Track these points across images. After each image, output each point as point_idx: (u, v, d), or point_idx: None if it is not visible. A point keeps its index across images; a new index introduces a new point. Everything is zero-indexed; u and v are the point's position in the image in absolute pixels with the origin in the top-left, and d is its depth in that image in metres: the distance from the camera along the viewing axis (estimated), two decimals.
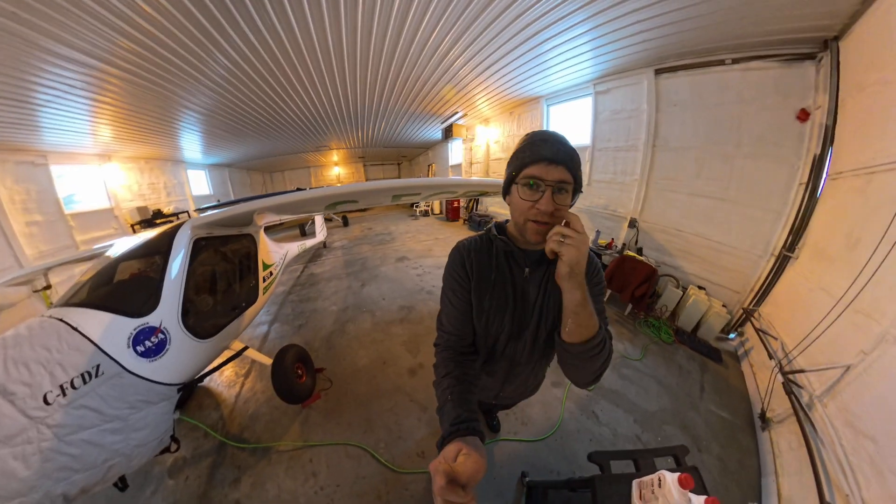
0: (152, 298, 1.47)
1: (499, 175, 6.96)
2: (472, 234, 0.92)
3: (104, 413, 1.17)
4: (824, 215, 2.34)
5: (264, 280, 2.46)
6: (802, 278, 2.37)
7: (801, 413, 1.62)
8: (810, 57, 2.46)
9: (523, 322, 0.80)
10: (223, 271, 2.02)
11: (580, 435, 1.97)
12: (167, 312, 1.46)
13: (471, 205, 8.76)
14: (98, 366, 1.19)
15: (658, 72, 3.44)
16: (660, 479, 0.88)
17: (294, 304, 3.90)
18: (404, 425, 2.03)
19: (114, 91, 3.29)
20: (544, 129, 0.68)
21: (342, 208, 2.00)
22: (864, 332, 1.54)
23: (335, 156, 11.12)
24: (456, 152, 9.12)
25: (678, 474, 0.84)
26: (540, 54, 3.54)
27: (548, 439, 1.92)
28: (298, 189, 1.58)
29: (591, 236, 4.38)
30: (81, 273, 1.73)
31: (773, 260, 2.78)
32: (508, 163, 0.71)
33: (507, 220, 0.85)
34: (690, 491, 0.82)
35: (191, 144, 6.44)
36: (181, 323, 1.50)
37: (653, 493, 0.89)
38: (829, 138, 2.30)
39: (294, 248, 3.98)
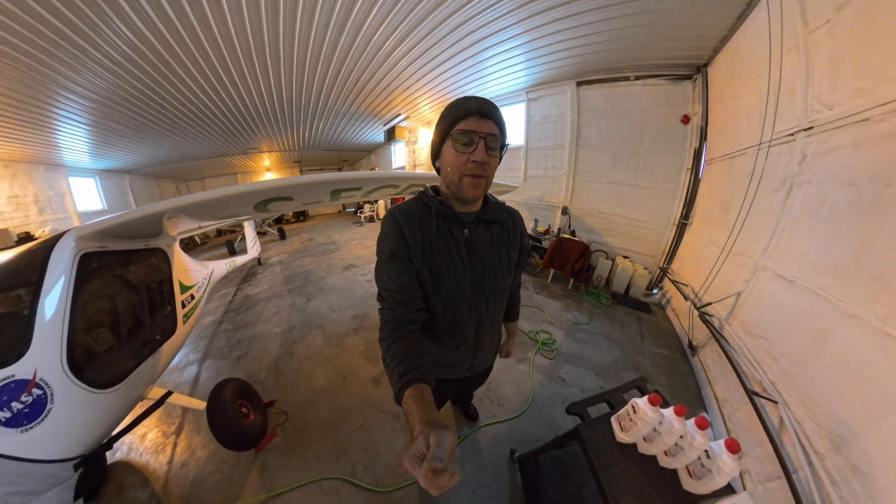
0: (19, 341, 1.03)
1: None
2: None
3: None
4: (705, 190, 3.07)
5: (184, 305, 1.97)
6: (697, 238, 3.07)
7: (716, 334, 2.08)
8: (689, 77, 3.22)
9: (482, 279, 0.79)
10: (127, 296, 1.55)
11: (553, 400, 2.07)
12: (44, 357, 1.04)
13: None
14: None
15: (579, 84, 4.00)
16: (633, 407, 0.97)
17: (228, 333, 3.27)
18: (379, 440, 1.84)
19: None
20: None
21: (275, 208, 1.65)
22: (743, 267, 2.08)
23: (267, 160, 9.69)
24: (399, 155, 8.95)
25: (647, 396, 0.94)
26: (480, 62, 3.74)
27: (525, 413, 1.96)
28: None
29: (531, 225, 4.84)
30: None
31: (674, 228, 3.51)
32: (437, 126, 0.70)
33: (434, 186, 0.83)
34: (660, 407, 0.93)
35: (74, 142, 4.80)
36: (68, 369, 1.08)
37: (630, 420, 0.98)
38: (703, 135, 3.05)
39: (221, 266, 3.35)
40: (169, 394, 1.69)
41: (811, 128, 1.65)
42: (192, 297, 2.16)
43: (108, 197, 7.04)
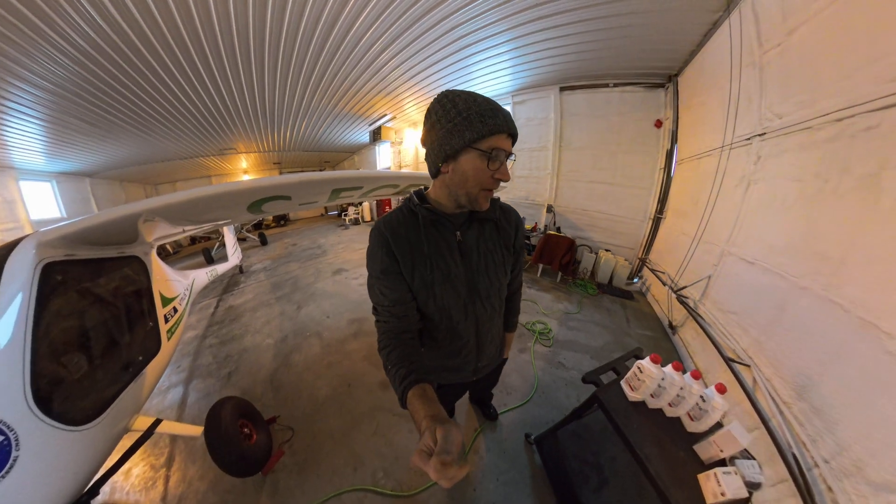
0: None
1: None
2: None
3: None
4: (677, 187, 3.42)
5: (167, 319, 1.76)
6: (671, 230, 3.41)
7: (692, 314, 2.36)
8: (661, 85, 3.56)
9: (475, 281, 0.78)
10: (102, 312, 1.34)
11: (556, 384, 2.20)
12: (3, 393, 0.87)
13: None
14: None
15: (562, 89, 4.26)
16: (639, 368, 1.12)
17: (214, 348, 3.01)
18: (397, 443, 1.78)
19: None
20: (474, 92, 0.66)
21: (270, 208, 1.56)
22: (711, 253, 2.38)
23: (244, 161, 9.19)
24: (384, 156, 8.89)
25: (648, 357, 1.10)
26: (467, 66, 3.87)
27: (533, 398, 2.05)
28: None
29: None
30: None
31: (650, 222, 3.85)
32: (456, 130, 0.61)
33: (425, 188, 0.79)
34: (660, 365, 1.10)
35: (26, 140, 4.28)
36: (34, 406, 0.90)
37: (638, 378, 1.13)
38: (674, 138, 3.39)
39: (202, 275, 3.13)
40: (158, 422, 1.47)
41: (765, 133, 1.95)
42: (175, 310, 1.95)
43: (68, 203, 6.39)
